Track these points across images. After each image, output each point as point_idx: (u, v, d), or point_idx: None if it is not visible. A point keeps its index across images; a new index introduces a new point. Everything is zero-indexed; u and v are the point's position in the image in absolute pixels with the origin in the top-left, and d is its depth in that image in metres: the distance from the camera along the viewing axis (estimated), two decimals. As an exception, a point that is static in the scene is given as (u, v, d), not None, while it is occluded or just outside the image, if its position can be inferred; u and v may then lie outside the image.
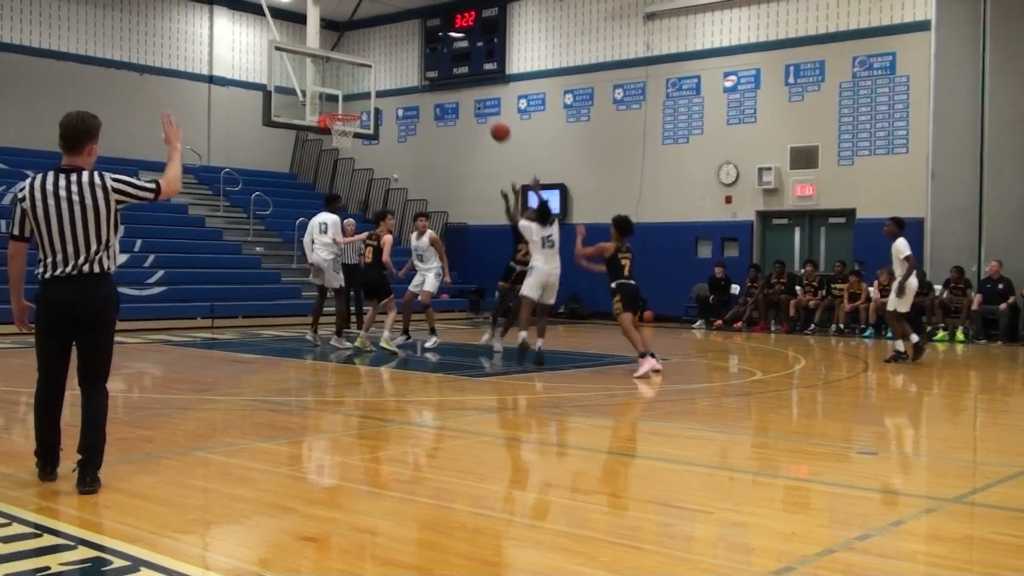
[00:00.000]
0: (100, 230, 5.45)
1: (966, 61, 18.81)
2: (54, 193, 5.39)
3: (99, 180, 5.46)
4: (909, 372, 13.32)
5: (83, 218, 5.40)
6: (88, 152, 5.54)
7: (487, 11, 25.07)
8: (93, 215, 5.42)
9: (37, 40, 23.01)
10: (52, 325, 5.49)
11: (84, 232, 5.41)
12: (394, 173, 25.69)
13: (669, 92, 22.24)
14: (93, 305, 5.47)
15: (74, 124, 5.52)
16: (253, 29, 26.32)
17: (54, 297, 5.44)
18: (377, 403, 10.13)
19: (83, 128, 5.53)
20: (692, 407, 9.95)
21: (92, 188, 5.43)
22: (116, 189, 5.50)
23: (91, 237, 5.42)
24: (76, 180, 5.43)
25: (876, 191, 19.13)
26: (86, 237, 5.41)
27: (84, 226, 5.41)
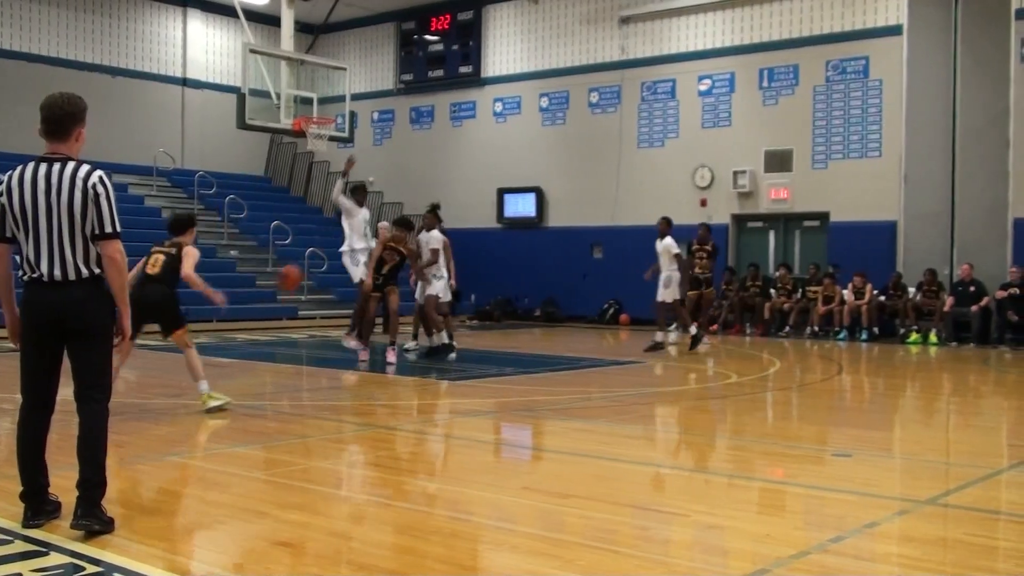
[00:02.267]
0: (78, 228, 4.76)
1: (938, 65, 18.97)
2: (33, 183, 4.77)
3: (83, 175, 4.78)
4: (882, 375, 13.43)
5: (67, 214, 4.74)
6: (76, 138, 4.93)
7: (462, 14, 25.07)
8: (79, 211, 4.75)
9: (8, 42, 22.81)
10: (37, 334, 4.85)
11: (69, 230, 4.75)
12: (370, 176, 25.56)
13: (644, 96, 22.31)
14: (83, 309, 4.80)
15: (59, 106, 4.89)
16: (227, 31, 26.20)
17: (37, 302, 4.81)
18: (352, 407, 10.10)
19: (68, 111, 4.91)
20: (667, 410, 9.97)
21: (72, 182, 4.75)
22: (98, 193, 4.79)
23: (76, 235, 4.76)
24: (59, 171, 4.78)
25: (850, 195, 19.26)
26: (71, 236, 4.75)
27: (67, 223, 4.75)
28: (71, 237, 4.76)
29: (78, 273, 4.78)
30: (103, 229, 4.77)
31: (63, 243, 4.76)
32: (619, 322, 22.09)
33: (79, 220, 4.75)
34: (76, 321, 4.80)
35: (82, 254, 4.78)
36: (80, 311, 4.79)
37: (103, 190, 4.81)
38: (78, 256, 4.78)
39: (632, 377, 12.75)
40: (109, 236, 4.78)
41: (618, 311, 22.25)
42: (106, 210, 4.79)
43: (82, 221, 4.76)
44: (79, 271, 4.78)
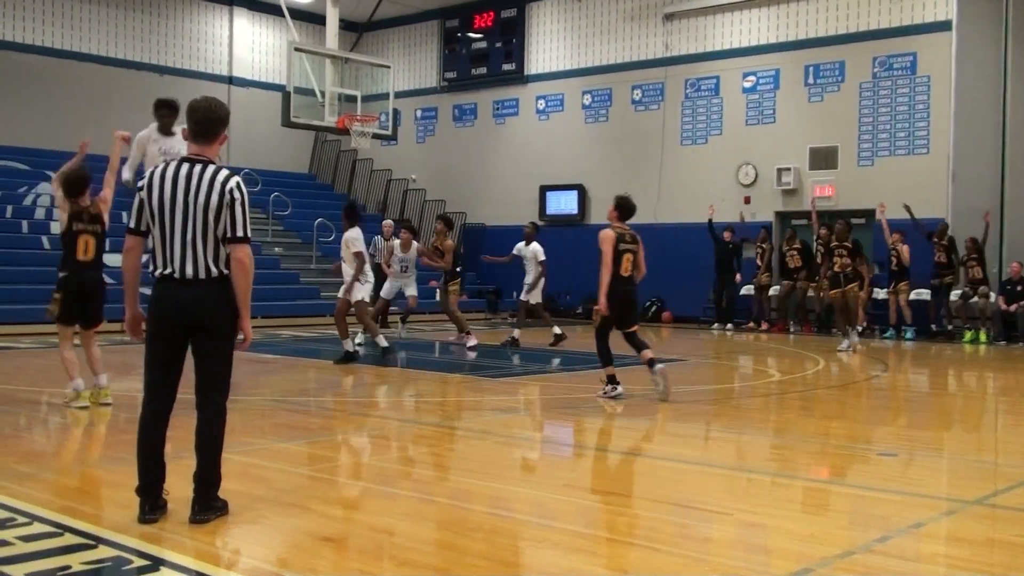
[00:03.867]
0: (210, 229, 4.88)
1: (988, 61, 18.69)
2: (173, 183, 4.88)
3: (221, 178, 4.91)
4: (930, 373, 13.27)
5: (202, 215, 4.86)
6: (220, 141, 5.06)
7: (506, 12, 25.07)
8: (214, 213, 4.86)
9: (59, 42, 23.15)
10: (161, 330, 4.98)
11: (202, 230, 4.87)
12: (412, 174, 25.71)
13: (688, 93, 22.18)
14: (207, 308, 4.92)
15: (209, 109, 4.99)
16: (272, 30, 26.40)
17: (164, 298, 4.94)
18: (395, 403, 10.15)
19: (218, 115, 5.01)
20: (710, 408, 9.92)
21: (211, 185, 4.87)
22: (235, 199, 4.91)
23: (209, 235, 4.87)
24: (200, 172, 4.89)
25: (896, 192, 19.00)
26: (204, 235, 4.87)
27: (202, 223, 4.86)
28: (203, 237, 4.87)
29: (208, 272, 4.89)
30: (235, 233, 4.89)
31: (196, 242, 4.86)
32: (661, 320, 21.99)
33: (212, 222, 4.86)
34: (203, 319, 4.91)
35: (212, 254, 4.89)
36: (207, 309, 4.90)
37: (239, 195, 4.92)
38: (209, 256, 4.88)
39: (674, 375, 12.67)
40: (240, 240, 4.91)
41: (660, 309, 22.15)
42: (239, 215, 4.91)
43: (215, 223, 4.87)
44: (209, 270, 4.89)
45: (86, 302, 8.71)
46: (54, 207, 12.91)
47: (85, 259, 8.66)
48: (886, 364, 13.53)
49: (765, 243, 20.24)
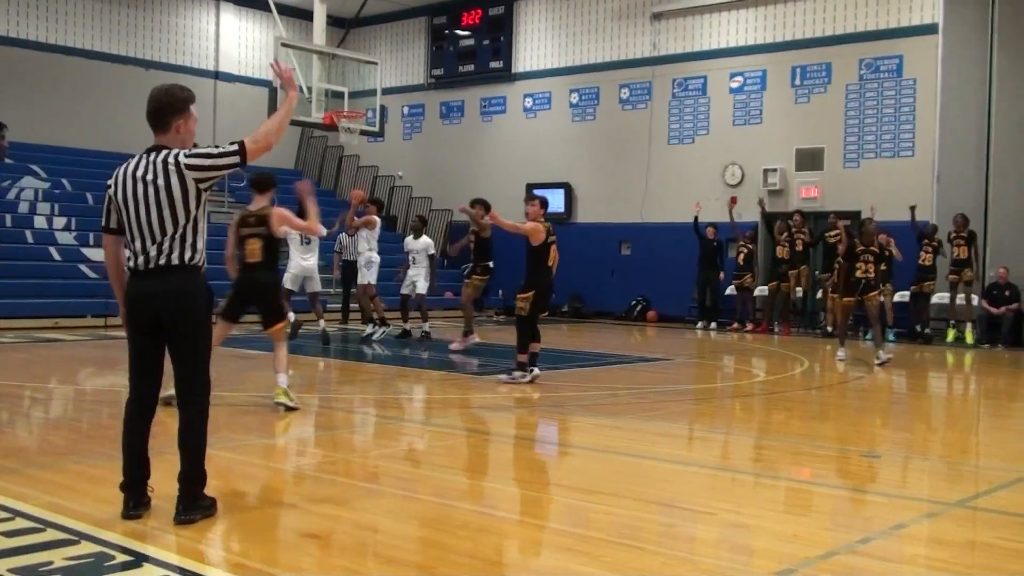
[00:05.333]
0: (176, 215, 4.74)
1: (973, 64, 18.78)
2: (133, 175, 4.78)
3: (172, 159, 4.74)
4: (914, 375, 13.33)
5: (156, 202, 4.72)
6: (176, 129, 4.86)
7: (493, 9, 25.05)
8: (166, 198, 4.72)
9: (44, 35, 23.02)
10: (135, 325, 4.91)
11: (159, 218, 4.73)
12: (399, 171, 25.66)
13: (675, 92, 22.22)
14: (174, 302, 4.80)
15: (156, 98, 4.87)
16: (259, 25, 26.30)
17: (133, 293, 4.88)
18: (379, 400, 10.14)
19: (166, 101, 4.87)
20: (694, 408, 9.95)
21: (165, 167, 4.73)
22: (190, 166, 4.73)
23: (167, 224, 4.74)
24: (153, 160, 4.77)
25: (882, 193, 19.06)
26: (161, 224, 4.73)
27: (159, 211, 4.73)
28: (162, 224, 4.74)
29: (168, 261, 4.78)
30: (228, 155, 4.78)
31: (154, 232, 4.76)
32: (646, 319, 22.03)
33: (179, 202, 4.73)
34: (169, 312, 4.81)
35: (178, 243, 4.77)
36: (172, 302, 4.80)
37: (193, 155, 4.77)
38: (173, 244, 4.76)
39: (660, 374, 12.73)
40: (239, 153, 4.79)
41: (645, 308, 22.20)
42: (211, 153, 4.78)
43: (182, 204, 4.73)
44: (170, 259, 4.78)
45: (257, 303, 8.72)
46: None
47: (252, 261, 8.67)
48: (869, 365, 13.58)
49: (750, 244, 20.30)
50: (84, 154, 22.54)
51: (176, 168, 4.71)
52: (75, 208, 20.15)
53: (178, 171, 4.71)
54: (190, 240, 4.78)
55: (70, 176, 21.23)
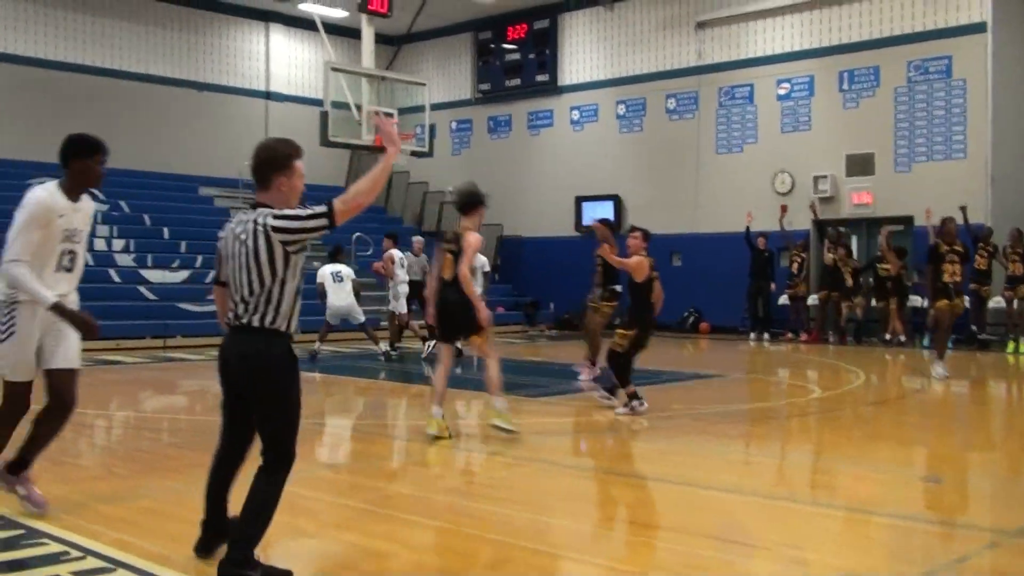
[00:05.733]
0: (262, 276, 4.58)
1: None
2: (234, 231, 4.70)
3: (261, 221, 4.57)
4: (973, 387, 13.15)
5: (245, 261, 4.60)
6: (279, 187, 4.68)
7: (539, 23, 25.15)
8: (254, 259, 4.57)
9: (100, 59, 23.50)
10: (221, 379, 4.83)
11: (248, 278, 4.60)
12: (448, 186, 25.81)
13: (722, 101, 22.14)
14: (247, 364, 4.64)
15: (258, 154, 4.74)
16: (309, 45, 26.62)
17: (221, 348, 4.81)
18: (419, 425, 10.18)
19: (268, 158, 4.72)
20: (750, 429, 9.91)
21: (255, 228, 4.58)
22: (277, 228, 4.53)
23: (253, 283, 4.60)
24: (250, 218, 4.64)
25: (935, 198, 18.79)
26: (249, 283, 4.60)
27: (247, 271, 4.60)
28: (249, 286, 4.61)
29: (248, 323, 4.64)
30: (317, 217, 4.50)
31: (242, 292, 4.64)
32: (699, 330, 21.95)
33: (264, 264, 4.58)
34: (245, 373, 4.65)
35: (255, 305, 4.61)
36: (244, 364, 4.64)
37: (280, 216, 4.56)
38: (252, 306, 4.61)
39: (715, 392, 12.70)
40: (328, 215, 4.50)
41: (698, 319, 22.12)
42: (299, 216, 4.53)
43: (268, 266, 4.58)
44: (250, 322, 4.63)
45: (452, 320, 8.84)
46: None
47: (445, 278, 8.84)
48: (928, 377, 13.40)
49: (803, 252, 20.17)
50: (141, 176, 22.98)
51: (264, 231, 4.55)
52: (133, 230, 20.56)
53: (265, 234, 4.54)
54: (274, 303, 4.60)
55: (128, 198, 21.66)
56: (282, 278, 4.59)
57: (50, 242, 5.55)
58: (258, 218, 4.59)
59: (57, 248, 5.62)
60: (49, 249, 5.57)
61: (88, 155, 5.69)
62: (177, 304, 18.52)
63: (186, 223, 21.45)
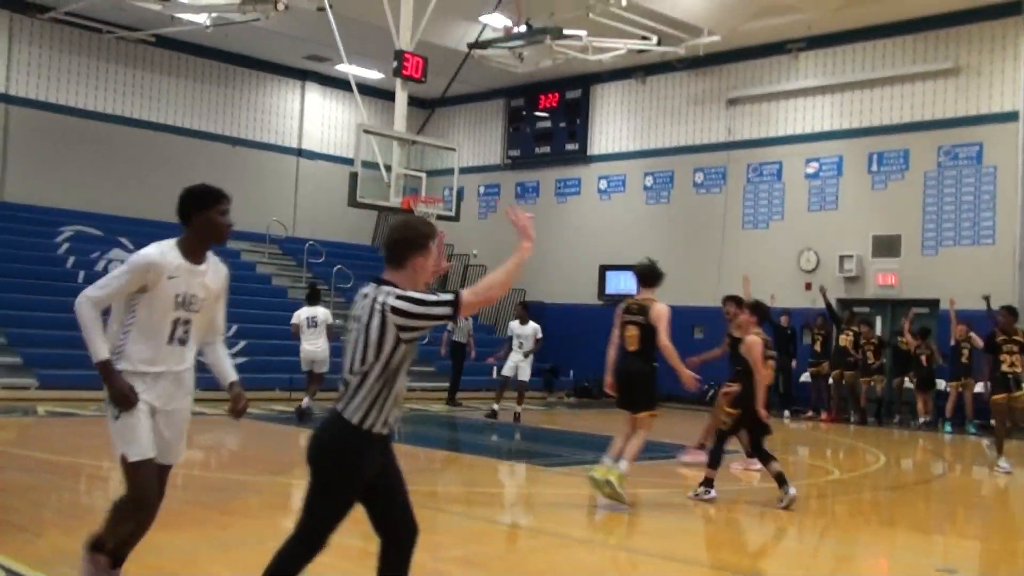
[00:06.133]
0: (366, 355, 4.22)
1: (1056, 153, 18.50)
2: (360, 303, 4.34)
3: (381, 298, 4.21)
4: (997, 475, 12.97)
5: (355, 336, 4.27)
6: (412, 267, 4.32)
7: (571, 92, 25.42)
8: (363, 335, 4.23)
9: (138, 112, 23.91)
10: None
11: (352, 354, 4.28)
12: (473, 249, 25.98)
13: (750, 177, 22.23)
14: (310, 443, 4.35)
15: (397, 231, 4.41)
16: (343, 105, 27.00)
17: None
18: (443, 493, 10.14)
19: (403, 236, 4.37)
20: (766, 511, 9.78)
21: (373, 305, 4.23)
22: (396, 308, 4.17)
23: (355, 361, 4.25)
24: (372, 294, 4.27)
25: (961, 282, 18.77)
26: (351, 363, 4.27)
27: (353, 346, 4.27)
28: (349, 367, 4.29)
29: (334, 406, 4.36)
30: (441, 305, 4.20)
31: (344, 372, 4.33)
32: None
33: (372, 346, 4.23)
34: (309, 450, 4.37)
35: (348, 388, 4.28)
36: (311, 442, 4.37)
37: (402, 298, 4.20)
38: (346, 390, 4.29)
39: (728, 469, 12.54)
40: (453, 305, 4.20)
41: (718, 392, 21.96)
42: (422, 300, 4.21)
43: (375, 348, 4.22)
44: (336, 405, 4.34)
45: (628, 389, 9.14)
46: None
47: (630, 349, 9.12)
48: (950, 461, 13.25)
49: (823, 329, 20.09)
50: (170, 228, 22.73)
51: (381, 310, 4.19)
52: (159, 282, 20.70)
53: (382, 313, 4.19)
54: (364, 389, 4.23)
55: (156, 251, 21.83)
56: (383, 362, 4.21)
57: (158, 308, 4.80)
58: (379, 296, 4.22)
59: (169, 316, 4.83)
60: (158, 317, 4.82)
61: (210, 205, 4.89)
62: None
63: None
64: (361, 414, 4.22)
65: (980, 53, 19.36)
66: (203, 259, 4.92)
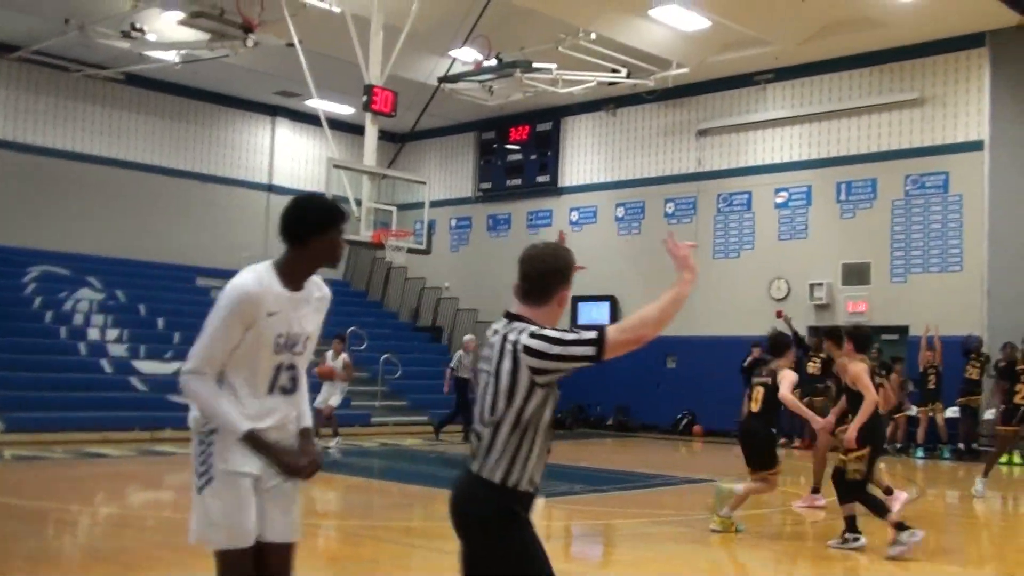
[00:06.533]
0: (495, 406, 3.62)
1: (1020, 181, 18.73)
2: (490, 342, 3.74)
3: (513, 336, 3.61)
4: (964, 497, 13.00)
5: (485, 382, 3.69)
6: (558, 302, 3.76)
7: (541, 125, 25.53)
8: (493, 381, 3.65)
9: (104, 149, 23.71)
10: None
11: (482, 403, 3.70)
12: (446, 282, 25.96)
13: (720, 207, 22.38)
14: (456, 509, 3.72)
15: (538, 260, 3.79)
16: (313, 139, 26.91)
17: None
18: (422, 528, 10.06)
19: (551, 267, 3.77)
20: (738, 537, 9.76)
21: (503, 344, 3.64)
22: (530, 348, 3.55)
23: (485, 412, 3.67)
24: (500, 333, 3.70)
25: (930, 309, 18.92)
26: (481, 412, 3.69)
27: (483, 394, 3.70)
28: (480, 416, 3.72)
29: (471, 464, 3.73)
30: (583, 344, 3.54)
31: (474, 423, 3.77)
32: (692, 433, 21.84)
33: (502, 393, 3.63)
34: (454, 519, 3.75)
35: (483, 443, 3.67)
36: (455, 508, 3.75)
37: (538, 336, 3.58)
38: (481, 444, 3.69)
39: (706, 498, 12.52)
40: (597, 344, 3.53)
41: (691, 422, 22.02)
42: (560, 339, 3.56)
43: (505, 396, 3.62)
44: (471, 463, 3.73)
45: (747, 448, 9.59)
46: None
47: (753, 409, 9.47)
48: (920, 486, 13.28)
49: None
50: (139, 266, 23.05)
51: (513, 349, 3.59)
52: (128, 319, 20.55)
53: (514, 353, 3.59)
54: (499, 442, 3.62)
55: (125, 287, 21.69)
56: (516, 414, 3.59)
57: (256, 353, 3.89)
58: (510, 334, 3.63)
59: (269, 362, 3.93)
60: (255, 364, 3.91)
61: (335, 224, 3.99)
62: (168, 396, 18.34)
63: (181, 313, 21.42)
64: (502, 471, 3.60)
65: (945, 84, 19.63)
66: (303, 284, 3.99)
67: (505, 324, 3.70)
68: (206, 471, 3.88)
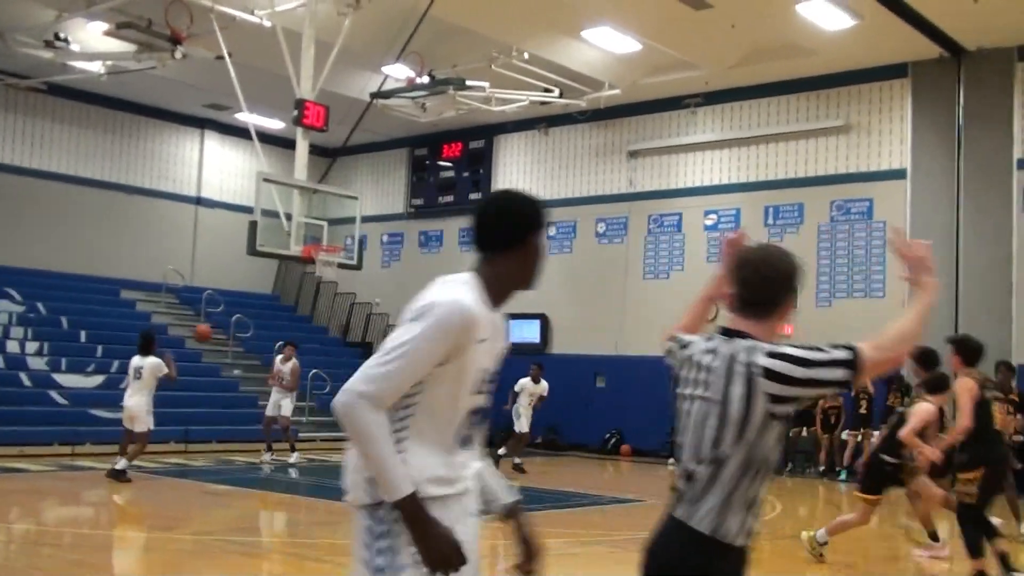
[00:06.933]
0: (719, 439, 3.03)
1: (941, 210, 19.16)
2: (697, 363, 3.19)
3: (744, 356, 3.03)
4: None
5: (703, 416, 3.10)
6: (781, 314, 3.19)
7: (474, 143, 25.56)
8: (716, 410, 3.06)
9: (24, 159, 23.17)
10: None
11: (697, 438, 3.11)
12: (376, 298, 25.80)
13: (651, 228, 22.57)
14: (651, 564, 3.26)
15: (762, 264, 3.22)
16: (243, 153, 26.59)
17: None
18: (343, 546, 9.93)
19: (773, 273, 3.21)
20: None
21: (731, 365, 3.05)
22: (772, 372, 2.97)
23: (703, 447, 3.07)
24: (719, 351, 3.11)
25: (855, 334, 18.76)
26: (696, 447, 3.10)
27: (698, 425, 3.11)
28: (693, 452, 3.13)
29: (673, 511, 3.22)
30: (837, 365, 2.99)
31: (685, 459, 3.19)
32: (620, 452, 21.93)
33: (730, 426, 3.04)
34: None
35: (696, 484, 3.11)
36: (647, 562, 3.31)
37: (780, 356, 3.00)
38: (690, 485, 3.13)
39: (632, 518, 12.59)
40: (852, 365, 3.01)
41: (619, 441, 22.13)
42: (809, 359, 2.98)
43: (735, 430, 3.04)
44: (676, 510, 3.20)
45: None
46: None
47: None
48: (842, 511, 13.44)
49: None
50: (61, 277, 22.58)
51: (747, 372, 3.01)
52: (49, 332, 20.09)
53: (748, 375, 3.00)
54: (718, 484, 3.04)
55: (46, 300, 21.21)
56: (749, 445, 3.02)
57: (457, 391, 3.08)
58: (739, 353, 3.05)
59: (465, 403, 3.12)
60: (454, 405, 3.09)
61: (544, 223, 3.30)
62: (89, 410, 17.97)
63: (105, 327, 21.04)
64: (713, 520, 3.05)
65: (869, 112, 20.06)
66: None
67: (724, 341, 3.11)
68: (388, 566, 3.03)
